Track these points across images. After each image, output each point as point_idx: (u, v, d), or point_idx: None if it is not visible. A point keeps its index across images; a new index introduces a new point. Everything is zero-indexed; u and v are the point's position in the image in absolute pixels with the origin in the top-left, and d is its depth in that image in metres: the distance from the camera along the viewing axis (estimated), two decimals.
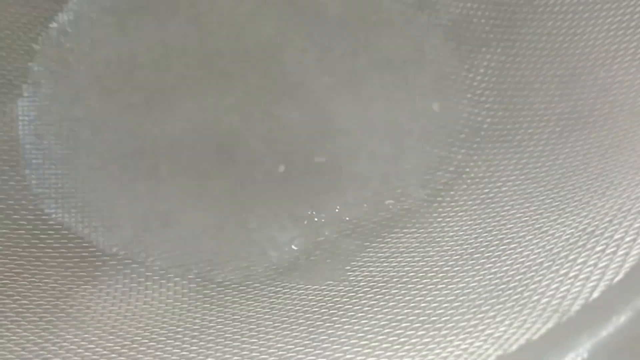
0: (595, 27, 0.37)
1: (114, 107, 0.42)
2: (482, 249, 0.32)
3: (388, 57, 0.44)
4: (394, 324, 0.29)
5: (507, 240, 0.31)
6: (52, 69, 0.42)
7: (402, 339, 0.28)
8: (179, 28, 0.44)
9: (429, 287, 0.31)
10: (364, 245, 0.37)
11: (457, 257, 0.32)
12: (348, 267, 0.35)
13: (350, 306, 0.32)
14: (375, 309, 0.31)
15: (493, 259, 0.30)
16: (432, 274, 0.32)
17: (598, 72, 0.36)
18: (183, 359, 0.29)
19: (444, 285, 0.30)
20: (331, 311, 0.32)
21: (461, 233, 0.34)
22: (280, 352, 0.29)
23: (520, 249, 0.30)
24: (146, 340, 0.31)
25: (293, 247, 0.37)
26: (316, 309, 0.32)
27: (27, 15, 0.43)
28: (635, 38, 0.35)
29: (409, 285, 0.32)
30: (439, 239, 0.35)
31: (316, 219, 0.38)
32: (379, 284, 0.33)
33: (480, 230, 0.33)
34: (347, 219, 0.38)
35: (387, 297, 0.31)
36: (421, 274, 0.32)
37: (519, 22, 0.41)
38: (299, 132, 0.41)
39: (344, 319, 0.31)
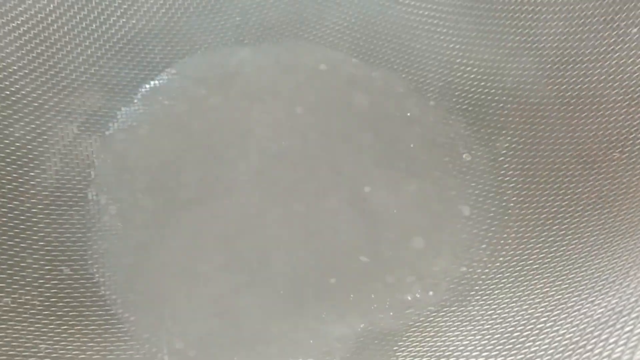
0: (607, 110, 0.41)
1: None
2: (520, 327, 0.34)
3: (412, 147, 0.47)
4: None
5: (543, 319, 0.34)
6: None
7: None
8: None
9: None
10: (409, 325, 0.39)
11: (497, 335, 0.35)
12: (396, 348, 0.38)
13: None
14: None
15: (532, 338, 0.33)
16: (477, 352, 0.34)
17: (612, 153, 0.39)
18: None
19: None
20: None
21: (499, 311, 0.37)
22: None
23: (557, 328, 0.32)
24: None
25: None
26: None
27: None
28: None
29: None
30: (479, 317, 0.37)
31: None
32: None
33: (517, 309, 0.36)
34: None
35: None
36: (466, 353, 0.35)
37: (535, 105, 0.45)
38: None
39: None
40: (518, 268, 0.39)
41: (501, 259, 0.41)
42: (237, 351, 0.40)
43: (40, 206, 0.44)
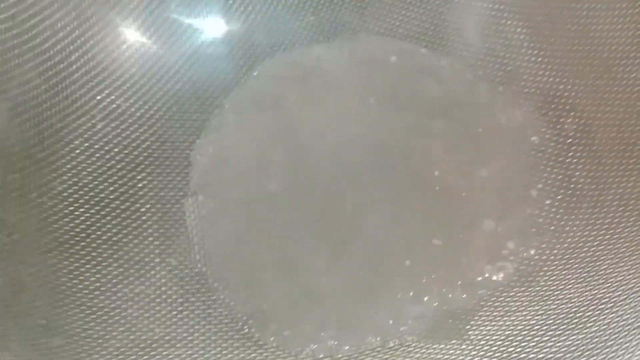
0: None
1: None
2: (583, 308, 0.37)
3: (482, 132, 0.50)
4: None
5: (605, 300, 0.36)
6: None
7: None
8: None
9: (540, 344, 0.36)
10: (480, 305, 0.43)
11: (562, 315, 0.37)
12: (468, 327, 0.41)
13: None
14: None
15: (593, 318, 0.35)
16: (542, 331, 0.37)
17: None
18: None
19: (552, 344, 0.36)
20: None
21: (565, 292, 0.39)
22: None
23: (616, 309, 0.35)
24: None
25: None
26: None
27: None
28: None
29: (523, 343, 0.37)
30: (546, 298, 0.40)
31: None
32: (497, 342, 0.39)
33: (581, 289, 0.38)
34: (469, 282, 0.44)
35: (504, 355, 0.37)
36: (533, 332, 0.38)
37: (602, 87, 0.46)
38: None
39: None
40: (585, 249, 0.41)
41: (569, 240, 0.43)
42: (323, 329, 0.45)
43: (147, 206, 0.50)
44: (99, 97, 0.51)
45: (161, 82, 0.54)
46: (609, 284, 0.37)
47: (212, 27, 0.57)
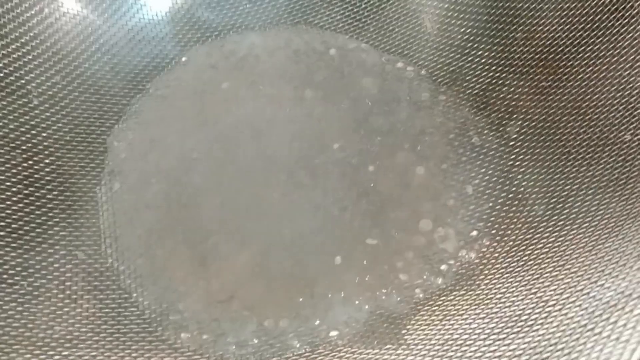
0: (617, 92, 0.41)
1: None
2: (528, 311, 0.34)
3: (423, 130, 0.47)
4: None
5: (552, 302, 0.34)
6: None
7: None
8: None
9: (482, 349, 0.34)
10: (417, 309, 0.40)
11: (506, 319, 0.35)
12: (405, 331, 0.38)
13: None
14: None
15: (540, 321, 0.33)
16: (485, 335, 0.35)
17: (623, 136, 0.39)
18: None
19: (496, 347, 0.33)
20: None
21: (508, 295, 0.37)
22: None
23: (565, 311, 0.32)
24: None
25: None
26: None
27: None
28: None
29: (464, 348, 0.34)
30: (487, 301, 0.37)
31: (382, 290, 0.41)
32: (435, 347, 0.36)
33: (526, 292, 0.36)
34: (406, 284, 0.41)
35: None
36: (474, 336, 0.35)
37: (546, 89, 0.45)
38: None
39: None
40: (528, 252, 0.39)
41: (511, 242, 0.41)
42: (245, 331, 0.40)
43: (55, 192, 0.45)
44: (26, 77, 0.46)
45: (83, 56, 0.49)
46: (556, 286, 0.35)
47: (140, 9, 0.52)
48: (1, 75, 0.46)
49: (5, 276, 0.40)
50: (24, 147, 0.45)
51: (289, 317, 0.40)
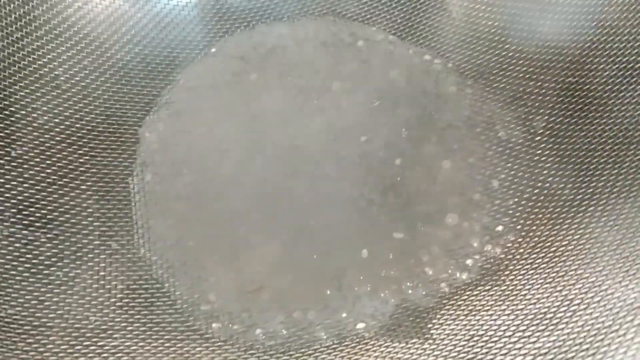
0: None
1: None
2: (553, 309, 0.35)
3: (450, 124, 0.48)
4: None
5: (577, 301, 0.34)
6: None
7: None
8: None
9: (507, 346, 0.35)
10: (443, 303, 0.41)
11: (531, 316, 0.36)
12: (430, 325, 0.39)
13: None
14: None
15: (565, 320, 0.34)
16: (510, 332, 0.35)
17: None
18: None
19: (521, 345, 0.34)
20: None
21: (533, 292, 0.37)
22: None
23: (590, 310, 0.33)
24: None
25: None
26: None
27: None
28: None
29: (489, 344, 0.35)
30: (513, 297, 0.38)
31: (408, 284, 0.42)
32: (461, 342, 0.37)
33: (551, 290, 0.36)
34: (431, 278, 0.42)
35: (470, 356, 0.35)
36: (500, 332, 0.36)
37: (573, 85, 0.45)
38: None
39: None
40: (553, 248, 0.39)
41: (536, 239, 0.41)
42: (274, 323, 0.42)
43: (88, 183, 0.46)
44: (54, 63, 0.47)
45: (115, 47, 0.50)
46: (580, 285, 0.35)
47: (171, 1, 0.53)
48: (30, 59, 0.47)
49: (41, 267, 0.41)
50: (58, 138, 0.46)
51: (317, 309, 0.41)
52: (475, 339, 0.36)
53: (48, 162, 0.45)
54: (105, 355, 0.38)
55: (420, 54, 0.52)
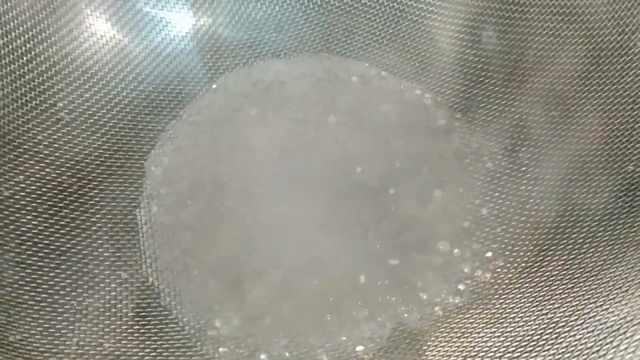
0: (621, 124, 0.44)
1: None
2: (540, 331, 0.37)
3: (440, 155, 0.51)
4: None
5: (562, 324, 0.37)
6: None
7: None
8: None
9: None
10: (437, 326, 0.43)
11: (519, 338, 0.38)
12: (425, 347, 0.42)
13: None
14: None
15: (551, 341, 0.36)
16: (500, 353, 0.38)
17: (626, 166, 0.42)
18: None
19: None
20: None
21: (521, 314, 0.40)
22: None
23: (573, 333, 0.36)
24: None
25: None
26: None
27: None
28: None
29: None
30: (502, 320, 0.41)
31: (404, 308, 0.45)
32: None
33: (537, 313, 0.39)
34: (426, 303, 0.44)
35: None
36: (491, 353, 0.38)
37: (556, 118, 0.48)
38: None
39: None
40: (539, 273, 0.42)
41: (523, 264, 0.44)
42: (276, 347, 0.44)
43: (98, 216, 0.48)
44: (57, 96, 0.50)
45: (121, 85, 0.53)
46: (565, 308, 0.38)
47: (173, 40, 0.56)
48: (32, 95, 0.49)
49: (56, 296, 0.43)
50: (69, 173, 0.49)
51: (318, 333, 0.44)
52: (468, 359, 0.39)
53: (60, 196, 0.47)
54: None
55: (412, 88, 0.55)
